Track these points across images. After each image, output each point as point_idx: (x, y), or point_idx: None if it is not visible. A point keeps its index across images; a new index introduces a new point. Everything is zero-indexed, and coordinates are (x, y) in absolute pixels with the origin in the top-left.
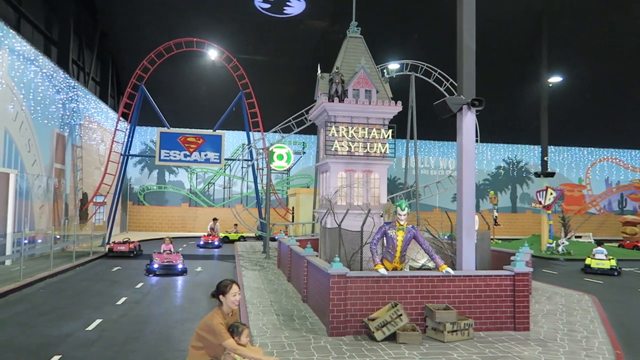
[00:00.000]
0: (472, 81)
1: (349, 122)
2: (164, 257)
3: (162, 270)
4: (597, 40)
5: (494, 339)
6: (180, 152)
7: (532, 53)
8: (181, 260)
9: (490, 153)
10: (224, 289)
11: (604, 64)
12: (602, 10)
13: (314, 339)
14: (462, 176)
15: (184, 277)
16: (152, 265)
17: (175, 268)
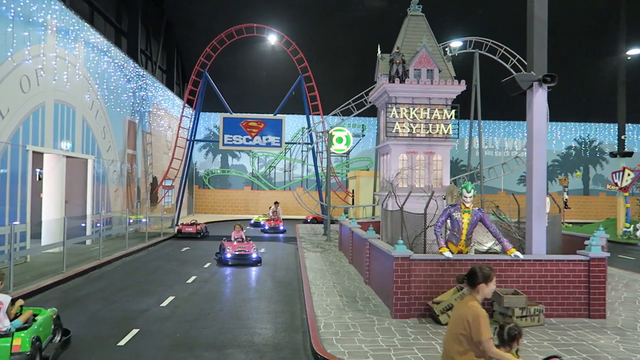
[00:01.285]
0: (543, 56)
1: (410, 103)
2: (237, 245)
3: (235, 260)
4: None
5: (566, 326)
6: (243, 136)
7: (609, 24)
8: (255, 249)
9: (560, 132)
10: (488, 275)
11: None
12: None
13: (378, 320)
14: (532, 156)
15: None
16: (225, 255)
17: (250, 258)
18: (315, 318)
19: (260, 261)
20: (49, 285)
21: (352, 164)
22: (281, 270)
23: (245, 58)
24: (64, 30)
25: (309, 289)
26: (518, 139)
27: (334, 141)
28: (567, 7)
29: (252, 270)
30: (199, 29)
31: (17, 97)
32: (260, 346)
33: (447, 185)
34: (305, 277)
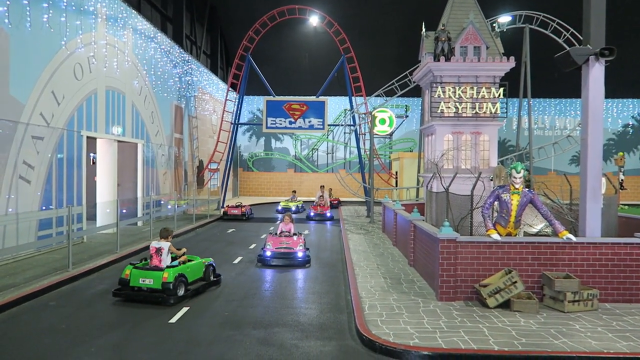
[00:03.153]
0: (601, 27)
1: (456, 82)
2: (279, 241)
3: (277, 260)
4: None
5: (622, 312)
6: (286, 119)
7: None
8: (302, 246)
9: (617, 109)
10: None
11: None
12: None
13: (423, 303)
14: (588, 134)
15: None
16: (264, 253)
17: (294, 257)
18: (360, 299)
19: (308, 261)
20: (105, 264)
21: (396, 146)
22: (325, 251)
23: (288, 40)
24: (112, 18)
25: (353, 271)
26: (570, 117)
27: (377, 122)
28: None
29: None
30: (241, 13)
31: (71, 84)
32: (306, 326)
33: (494, 166)
34: (350, 259)
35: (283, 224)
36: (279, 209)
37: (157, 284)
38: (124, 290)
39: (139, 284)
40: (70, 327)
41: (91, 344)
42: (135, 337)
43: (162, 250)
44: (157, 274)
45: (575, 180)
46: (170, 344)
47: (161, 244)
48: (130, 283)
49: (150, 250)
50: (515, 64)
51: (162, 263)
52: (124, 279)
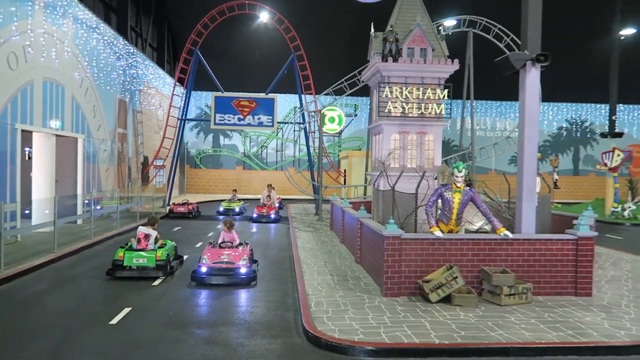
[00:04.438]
0: (537, 34)
1: (403, 82)
2: (217, 253)
3: (215, 279)
4: None
5: (553, 304)
6: (234, 115)
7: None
8: (246, 260)
9: (552, 112)
10: None
11: None
12: None
13: (369, 299)
14: (524, 136)
15: (247, 231)
16: (199, 269)
17: (236, 274)
18: (307, 296)
19: (254, 278)
20: (42, 264)
21: (345, 144)
22: (273, 249)
23: (238, 36)
24: (51, 6)
25: (301, 268)
26: (510, 119)
27: (326, 121)
28: None
29: None
30: (190, 6)
31: (5, 74)
32: (252, 324)
33: (438, 165)
34: (297, 256)
35: (223, 231)
36: (220, 210)
37: (150, 262)
38: (117, 270)
39: (133, 263)
40: (2, 332)
41: (24, 350)
42: (73, 340)
43: (151, 237)
44: (150, 253)
45: (513, 180)
46: (110, 346)
47: (149, 230)
48: (124, 263)
49: (139, 234)
50: (459, 66)
51: (148, 246)
52: (117, 259)
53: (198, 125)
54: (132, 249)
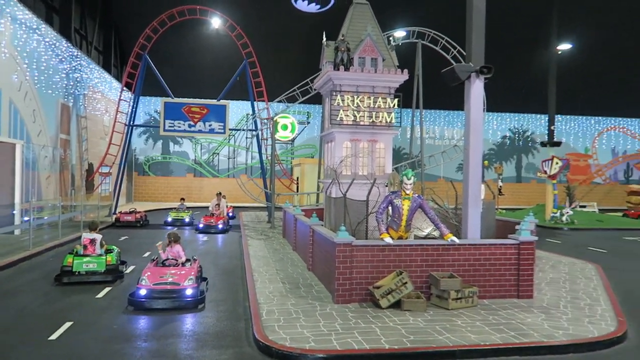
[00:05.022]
0: (481, 48)
1: (355, 91)
2: (162, 272)
3: (156, 302)
4: (608, 7)
5: (497, 307)
6: (185, 122)
7: (542, 20)
8: (192, 279)
9: (496, 122)
10: None
11: (614, 32)
12: None
13: (320, 306)
14: (469, 145)
15: (196, 240)
16: (137, 292)
17: (181, 296)
18: (258, 305)
19: (202, 301)
20: None
21: (297, 151)
22: (224, 258)
23: (188, 41)
24: None
25: (252, 277)
26: (457, 128)
27: (279, 128)
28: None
29: None
30: (138, 9)
31: None
32: (202, 335)
33: (389, 173)
34: (249, 265)
35: (168, 247)
36: (167, 220)
37: (100, 267)
38: (66, 276)
39: (83, 268)
40: None
41: None
42: (7, 358)
43: (96, 241)
44: (100, 259)
45: (460, 187)
46: None
47: (94, 235)
48: (74, 269)
49: (84, 241)
50: (409, 76)
51: (96, 251)
52: (66, 266)
53: (147, 131)
54: (81, 254)
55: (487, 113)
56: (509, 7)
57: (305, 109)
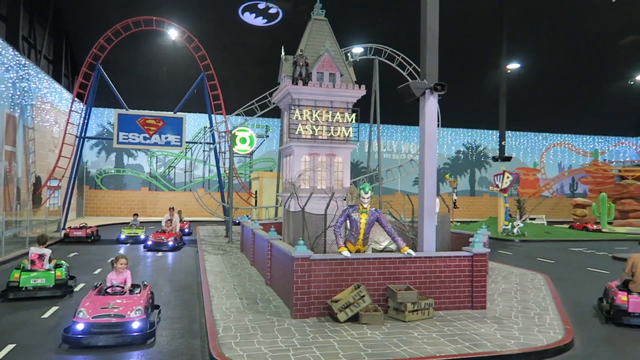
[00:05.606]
0: (435, 65)
1: (313, 105)
2: (105, 302)
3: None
4: (554, 30)
5: (452, 318)
6: (140, 134)
7: (493, 41)
8: (140, 310)
9: (451, 137)
10: None
11: (560, 53)
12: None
13: (278, 321)
14: (424, 159)
15: (149, 257)
16: (73, 326)
17: (126, 329)
18: (214, 322)
19: (152, 334)
20: None
21: (256, 165)
22: (180, 274)
23: (145, 52)
24: None
25: (209, 293)
26: (414, 143)
27: (237, 141)
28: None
29: (148, 275)
30: (92, 19)
31: None
32: (155, 354)
33: (347, 187)
34: (205, 280)
35: (114, 272)
36: (120, 237)
37: (49, 282)
38: (12, 292)
39: (30, 284)
40: None
41: None
42: None
43: (45, 256)
44: (48, 274)
45: (416, 200)
46: None
47: (42, 250)
48: (20, 284)
49: (32, 256)
50: (366, 92)
51: (44, 266)
52: (13, 281)
53: (99, 143)
54: (28, 270)
55: (442, 128)
56: (462, 28)
57: (264, 122)
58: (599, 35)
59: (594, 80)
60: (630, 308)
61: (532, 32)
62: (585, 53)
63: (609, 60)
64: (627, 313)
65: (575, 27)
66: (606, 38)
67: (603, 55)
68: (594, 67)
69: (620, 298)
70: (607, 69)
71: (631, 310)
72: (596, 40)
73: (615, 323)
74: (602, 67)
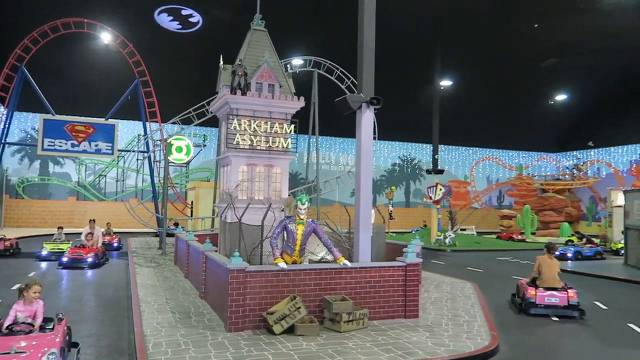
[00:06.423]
0: (371, 80)
1: (252, 115)
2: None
3: None
4: (484, 50)
5: (386, 327)
6: (68, 141)
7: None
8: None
9: (387, 150)
10: None
11: (489, 72)
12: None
13: (212, 335)
14: (360, 171)
15: (72, 273)
16: None
17: None
18: (144, 338)
19: None
20: None
21: (192, 175)
22: (109, 288)
23: (75, 55)
24: None
25: (139, 307)
26: (352, 155)
27: (173, 150)
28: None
29: (74, 289)
30: (15, 17)
31: None
32: None
33: (285, 197)
34: (136, 294)
35: (21, 301)
36: (41, 254)
37: None
38: None
39: None
40: None
41: None
42: None
43: None
44: None
45: (353, 211)
46: None
47: None
48: None
49: None
50: (305, 103)
51: None
52: None
53: (22, 150)
54: None
55: (379, 141)
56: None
57: (202, 131)
58: (523, 56)
59: (519, 99)
60: (538, 300)
61: (464, 52)
62: (512, 73)
63: (533, 81)
64: (535, 305)
65: (503, 48)
66: (530, 60)
67: (527, 76)
68: (519, 87)
69: (529, 292)
70: (531, 89)
71: (538, 302)
72: (521, 61)
73: (526, 313)
74: (527, 87)
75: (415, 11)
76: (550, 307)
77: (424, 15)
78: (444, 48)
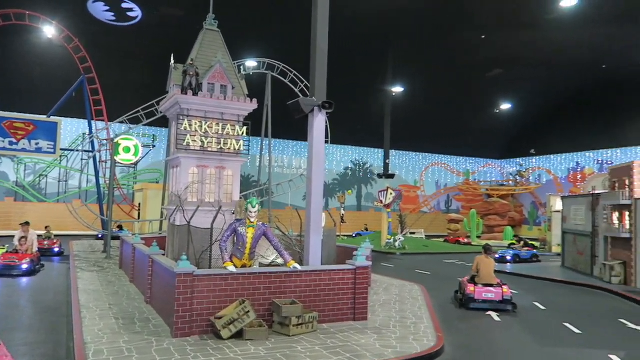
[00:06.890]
0: (323, 84)
1: (203, 116)
2: None
3: None
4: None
5: (335, 330)
6: (5, 139)
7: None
8: None
9: (340, 154)
10: None
11: (438, 80)
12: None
13: (157, 341)
14: (312, 174)
15: (6, 280)
16: None
17: None
18: (84, 345)
19: None
20: None
21: (141, 176)
22: (48, 293)
23: (14, 48)
24: None
25: (80, 313)
26: (305, 158)
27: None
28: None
29: (9, 295)
30: None
31: None
32: None
33: (237, 200)
34: (76, 300)
35: None
36: None
37: None
38: None
39: None
40: None
41: None
42: None
43: None
44: None
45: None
46: None
47: None
48: None
49: None
50: (258, 106)
51: None
52: None
53: None
54: None
55: (332, 145)
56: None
57: (151, 131)
58: (471, 66)
59: (466, 106)
60: (476, 296)
61: (415, 59)
62: (460, 82)
63: (479, 90)
64: (474, 300)
65: (452, 57)
66: (477, 69)
67: (474, 85)
68: (467, 95)
69: (469, 289)
70: (477, 98)
71: (477, 297)
72: (469, 70)
73: (466, 308)
74: (473, 95)
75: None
76: (487, 302)
77: (377, 24)
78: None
